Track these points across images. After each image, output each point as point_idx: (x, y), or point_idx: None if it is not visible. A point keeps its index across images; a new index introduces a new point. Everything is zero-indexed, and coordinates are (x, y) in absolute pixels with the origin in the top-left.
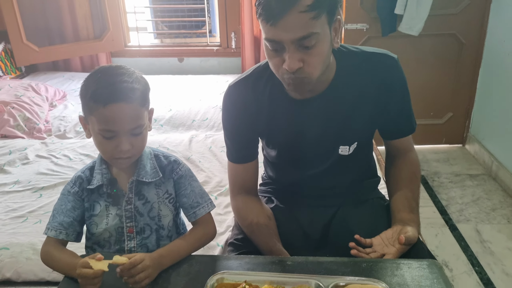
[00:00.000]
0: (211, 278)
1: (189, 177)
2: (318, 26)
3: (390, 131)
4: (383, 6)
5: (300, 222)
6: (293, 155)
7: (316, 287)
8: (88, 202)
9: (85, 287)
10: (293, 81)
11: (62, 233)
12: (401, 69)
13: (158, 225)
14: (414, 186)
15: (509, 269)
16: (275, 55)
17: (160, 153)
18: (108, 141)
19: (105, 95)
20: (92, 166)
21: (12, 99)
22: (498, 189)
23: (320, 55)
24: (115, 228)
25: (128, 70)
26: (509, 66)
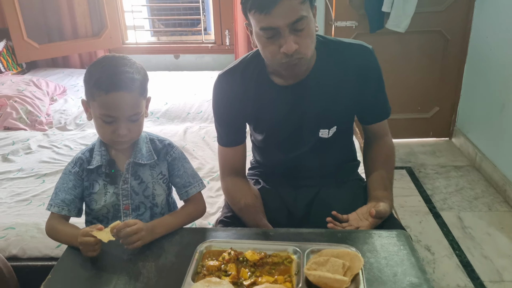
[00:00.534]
0: (200, 245)
1: (182, 159)
2: (305, 10)
3: (366, 116)
4: (371, 4)
5: (284, 201)
6: (277, 138)
7: (294, 252)
8: (88, 181)
9: (87, 253)
10: (291, 63)
11: (64, 209)
12: (375, 58)
13: (152, 203)
14: (388, 167)
15: (487, 252)
16: (271, 42)
17: (155, 137)
18: (107, 125)
19: (107, 83)
20: (91, 148)
21: (15, 93)
22: (481, 179)
23: (311, 36)
24: (113, 205)
25: (130, 61)
26: (491, 62)
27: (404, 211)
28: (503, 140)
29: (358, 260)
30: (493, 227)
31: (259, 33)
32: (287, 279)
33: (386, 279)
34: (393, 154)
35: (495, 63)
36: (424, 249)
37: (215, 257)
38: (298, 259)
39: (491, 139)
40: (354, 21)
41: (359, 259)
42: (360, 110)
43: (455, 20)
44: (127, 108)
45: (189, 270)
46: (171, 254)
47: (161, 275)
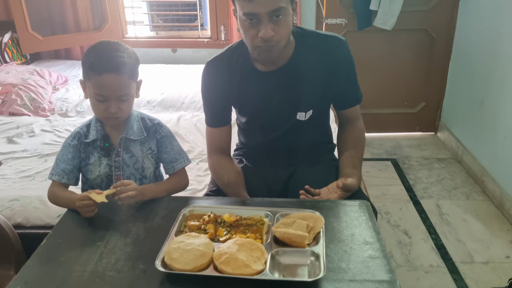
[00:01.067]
0: (184, 209)
1: (170, 137)
2: (284, 2)
3: (339, 102)
4: (359, 2)
5: (264, 178)
6: (259, 120)
7: (266, 216)
8: (85, 153)
9: (85, 214)
10: (265, 48)
11: (64, 178)
12: (348, 49)
13: (141, 175)
14: (358, 148)
15: (461, 236)
16: (251, 27)
17: (146, 117)
18: (100, 103)
19: (100, 66)
20: (88, 123)
21: (19, 81)
22: (462, 171)
23: (287, 27)
24: (106, 175)
25: (123, 46)
26: (473, 59)
27: (386, 198)
28: (482, 133)
29: (320, 221)
30: (469, 214)
31: (242, 18)
32: (258, 237)
33: (344, 238)
34: (363, 137)
35: (477, 61)
36: (402, 233)
37: (197, 219)
38: (269, 222)
39: (471, 133)
40: (344, 18)
41: (321, 220)
42: (333, 96)
43: (440, 19)
44: (117, 88)
45: (173, 229)
46: (158, 216)
47: (148, 233)
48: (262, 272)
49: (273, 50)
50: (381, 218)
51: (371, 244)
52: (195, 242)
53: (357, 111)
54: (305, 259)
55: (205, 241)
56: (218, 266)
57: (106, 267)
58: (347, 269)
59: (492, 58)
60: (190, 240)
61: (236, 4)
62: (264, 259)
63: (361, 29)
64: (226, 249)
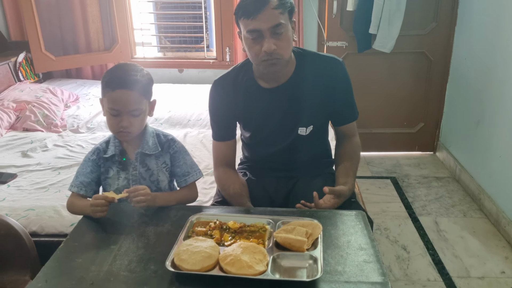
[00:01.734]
0: (192, 216)
1: (183, 152)
2: (283, 19)
3: (337, 118)
4: (359, 26)
5: (267, 190)
6: (262, 134)
7: (268, 223)
8: (104, 168)
9: (95, 214)
10: (270, 62)
11: (82, 190)
12: (345, 69)
13: (156, 188)
14: (353, 160)
15: (458, 252)
16: (255, 43)
17: (160, 133)
18: (114, 117)
19: (114, 82)
20: (108, 140)
21: (33, 99)
22: (460, 189)
23: (288, 41)
24: (124, 188)
25: (138, 67)
26: (469, 81)
27: (385, 215)
28: (479, 153)
29: (318, 228)
30: (466, 231)
31: (246, 36)
32: (261, 243)
33: (341, 244)
34: (359, 151)
35: (472, 83)
36: (401, 248)
37: (204, 226)
38: (271, 229)
39: (468, 153)
40: (344, 41)
41: (319, 227)
42: (331, 113)
43: (437, 43)
44: (128, 103)
45: (181, 234)
46: (168, 223)
47: (158, 237)
48: (264, 273)
49: (277, 64)
50: (380, 233)
51: (366, 250)
52: (202, 245)
53: (353, 128)
54: (304, 262)
55: (211, 244)
56: (224, 267)
57: (120, 268)
58: (343, 272)
59: (487, 80)
60: (198, 243)
61: (240, 24)
62: (266, 261)
63: (361, 52)
64: (231, 251)
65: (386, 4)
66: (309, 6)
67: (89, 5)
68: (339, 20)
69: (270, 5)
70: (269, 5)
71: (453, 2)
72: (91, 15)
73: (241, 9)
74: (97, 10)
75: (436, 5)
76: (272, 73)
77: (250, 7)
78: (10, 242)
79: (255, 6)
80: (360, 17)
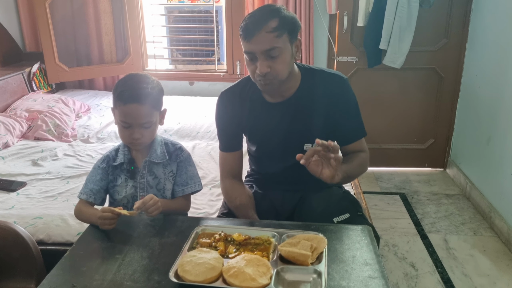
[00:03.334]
0: (197, 228)
1: (187, 162)
2: (280, 42)
3: (341, 136)
4: (369, 41)
5: (273, 203)
6: (267, 148)
7: (273, 236)
8: (112, 175)
9: (103, 226)
10: (264, 82)
11: (91, 197)
12: (348, 86)
13: (162, 196)
14: (354, 163)
15: (468, 271)
16: (251, 63)
17: (169, 142)
18: (125, 129)
19: (126, 96)
20: (117, 148)
21: (45, 109)
22: (470, 207)
23: (283, 64)
24: (131, 196)
25: (149, 78)
26: (480, 98)
27: (394, 231)
28: (490, 170)
29: (323, 242)
30: (476, 249)
31: (244, 55)
32: (265, 255)
33: (346, 259)
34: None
35: (483, 100)
36: (409, 265)
37: (208, 237)
38: (276, 242)
39: (479, 170)
40: (354, 56)
41: (324, 241)
42: (336, 130)
43: (448, 59)
44: (139, 117)
45: (186, 245)
46: (173, 234)
47: (163, 248)
48: (267, 286)
49: (273, 83)
50: (388, 250)
51: (371, 265)
52: (206, 257)
53: (362, 145)
54: (308, 276)
55: (215, 256)
56: (227, 279)
57: (124, 278)
58: (347, 287)
59: (498, 97)
60: (201, 254)
61: (241, 42)
62: (269, 274)
63: (371, 67)
64: (234, 263)
65: (396, 20)
66: (319, 21)
67: (103, 18)
68: (350, 35)
69: (266, 28)
70: (265, 29)
71: (464, 18)
72: (105, 28)
73: (241, 28)
74: (110, 23)
75: (447, 22)
76: (268, 91)
77: (248, 27)
78: (17, 249)
79: (252, 28)
80: (371, 32)
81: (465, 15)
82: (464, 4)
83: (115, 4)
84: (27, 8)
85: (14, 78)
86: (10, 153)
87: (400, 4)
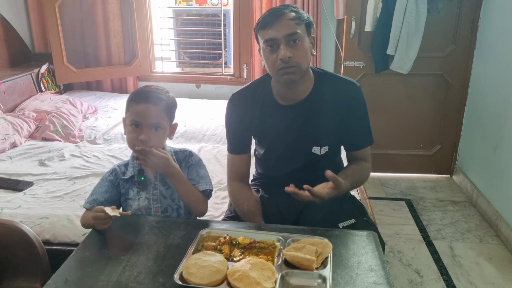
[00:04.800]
0: (202, 231)
1: (197, 166)
2: (300, 29)
3: (350, 142)
4: (377, 47)
5: (279, 207)
6: (277, 151)
7: (278, 240)
8: (124, 189)
9: (98, 227)
10: (287, 70)
11: (94, 207)
12: (361, 94)
13: (177, 205)
14: (355, 173)
15: (473, 279)
16: (272, 53)
17: (178, 150)
18: (134, 130)
19: (139, 97)
20: (126, 162)
21: (53, 109)
22: (476, 214)
23: (304, 51)
24: (145, 208)
25: (163, 90)
26: (487, 105)
27: (399, 238)
28: (496, 178)
29: (328, 246)
30: (482, 257)
31: (263, 47)
32: (270, 259)
33: (351, 264)
34: (366, 173)
35: (490, 107)
36: (414, 272)
37: (213, 240)
38: (281, 246)
39: (486, 177)
40: (361, 61)
41: (329, 246)
42: (345, 136)
43: (456, 65)
44: (150, 116)
45: (191, 247)
46: (178, 236)
47: (168, 250)
48: None
49: (294, 72)
50: (393, 256)
51: (376, 271)
52: (211, 260)
53: (366, 154)
54: (312, 281)
55: (220, 259)
56: (232, 282)
57: (129, 279)
58: None
59: (506, 104)
60: (206, 257)
61: (258, 37)
62: (274, 278)
63: (378, 72)
64: (239, 267)
65: (404, 25)
66: (327, 26)
67: (112, 20)
68: (357, 40)
69: (286, 16)
70: (285, 16)
71: (472, 25)
72: (113, 30)
73: (259, 23)
74: (119, 25)
75: (455, 28)
76: (289, 83)
77: (267, 18)
78: (23, 249)
79: (272, 17)
80: (378, 37)
81: (473, 22)
82: (472, 10)
83: (123, 7)
84: (36, 10)
85: (23, 78)
86: (18, 153)
87: (408, 9)
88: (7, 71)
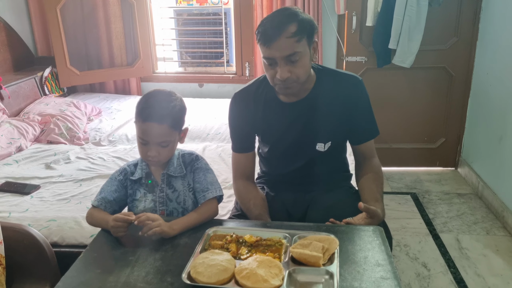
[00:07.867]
0: (208, 229)
1: (205, 169)
2: (300, 47)
3: (355, 135)
4: (378, 41)
5: (285, 204)
6: (280, 149)
7: (284, 237)
8: (131, 190)
9: (116, 234)
10: (284, 86)
11: (102, 205)
12: (364, 87)
13: (183, 208)
14: (377, 183)
15: (481, 271)
16: (270, 68)
17: (186, 153)
18: (143, 145)
19: (145, 114)
20: (136, 162)
21: (57, 112)
22: (482, 206)
23: (303, 67)
24: (151, 210)
25: (172, 96)
26: (491, 96)
27: (405, 231)
28: (502, 169)
29: (334, 243)
30: (489, 249)
31: (263, 59)
32: (277, 257)
33: (358, 260)
34: (381, 172)
35: (494, 98)
36: (421, 265)
37: (220, 239)
38: (287, 243)
39: (491, 169)
40: (363, 56)
41: (336, 242)
42: (349, 131)
43: (458, 58)
44: (157, 136)
45: (198, 247)
46: (185, 236)
47: (175, 250)
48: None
49: (293, 87)
50: (400, 250)
51: (383, 266)
52: (218, 258)
53: (372, 148)
54: (320, 277)
55: (227, 257)
56: (239, 280)
57: (137, 279)
58: None
59: (510, 95)
60: (214, 256)
61: (259, 47)
62: (281, 275)
63: (380, 67)
64: (246, 265)
65: (405, 19)
66: (328, 21)
67: (113, 22)
68: (359, 35)
69: (286, 34)
70: (285, 34)
71: (474, 17)
72: (115, 32)
73: (260, 33)
74: (120, 27)
75: (457, 20)
76: (287, 94)
77: (267, 33)
78: (32, 252)
79: (271, 33)
80: (380, 32)
81: (475, 13)
82: (474, 2)
83: (125, 8)
84: (38, 13)
85: (27, 82)
86: (24, 156)
87: (409, 3)
88: (11, 75)
